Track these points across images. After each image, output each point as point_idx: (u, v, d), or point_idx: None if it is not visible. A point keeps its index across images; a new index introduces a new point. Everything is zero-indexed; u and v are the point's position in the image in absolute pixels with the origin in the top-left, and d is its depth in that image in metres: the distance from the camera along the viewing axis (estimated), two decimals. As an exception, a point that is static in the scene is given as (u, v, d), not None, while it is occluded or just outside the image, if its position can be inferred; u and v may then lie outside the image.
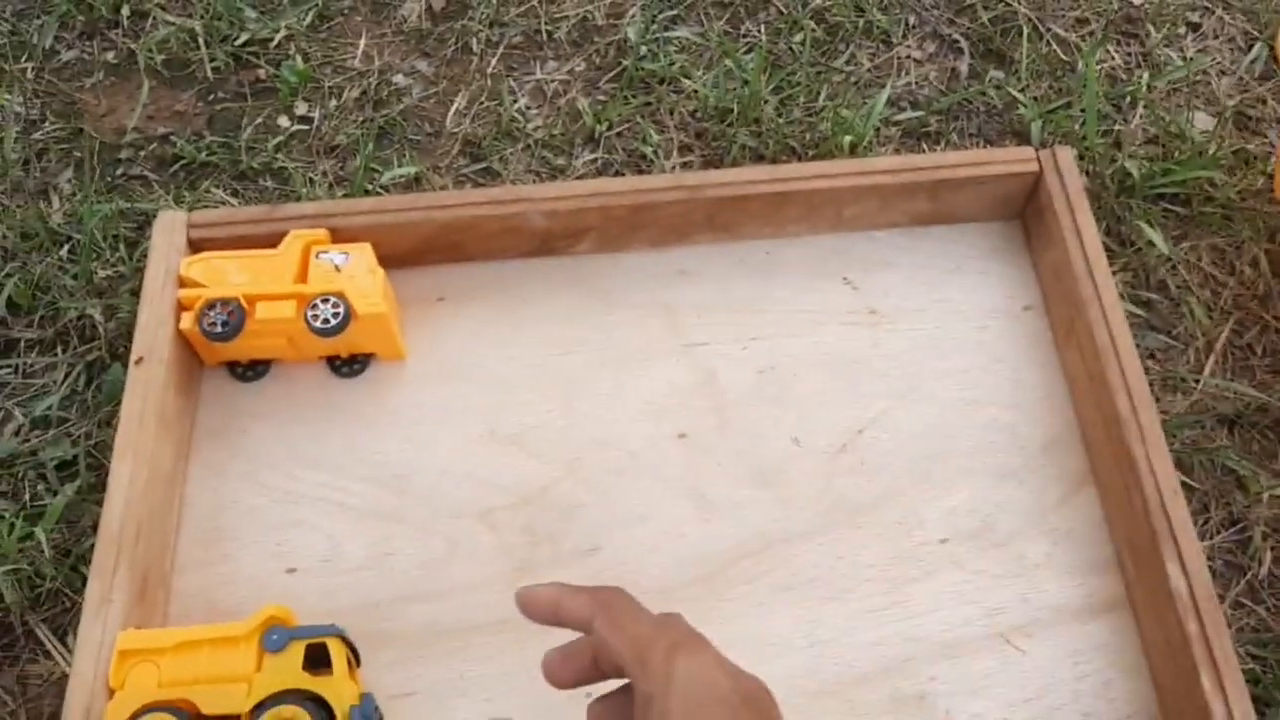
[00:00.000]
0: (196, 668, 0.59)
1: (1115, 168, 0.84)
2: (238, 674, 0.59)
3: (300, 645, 0.60)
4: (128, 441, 0.66)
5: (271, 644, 0.59)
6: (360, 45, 0.93)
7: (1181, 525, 0.63)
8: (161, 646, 0.60)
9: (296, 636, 0.60)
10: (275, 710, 0.57)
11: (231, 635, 0.60)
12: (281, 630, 0.60)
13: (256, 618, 0.60)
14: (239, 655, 0.59)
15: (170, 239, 0.73)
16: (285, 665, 0.59)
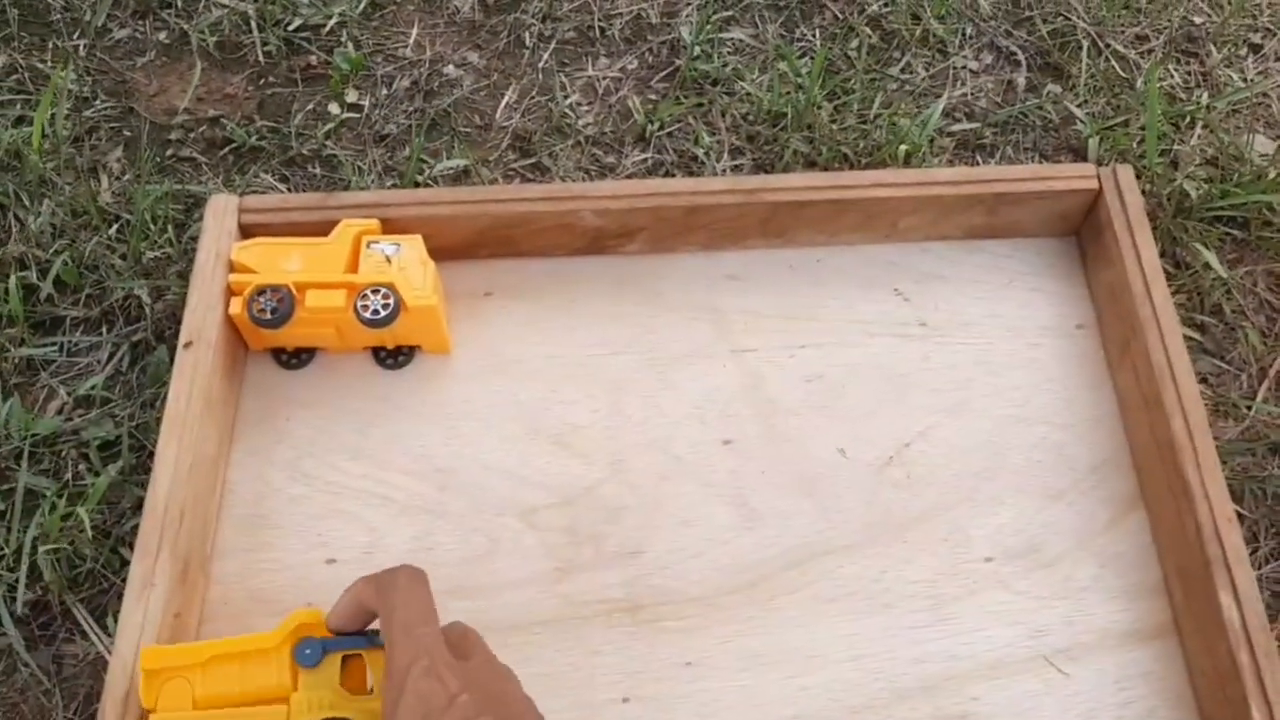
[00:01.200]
0: (229, 685, 0.56)
1: (1173, 188, 0.83)
2: (274, 691, 0.56)
3: (336, 658, 0.56)
4: (173, 424, 0.66)
5: (305, 659, 0.56)
6: (412, 34, 0.92)
7: (1235, 553, 0.62)
8: (190, 663, 0.57)
9: (330, 649, 0.56)
10: None
11: (262, 648, 0.56)
12: (314, 643, 0.56)
13: (286, 626, 0.56)
14: (272, 670, 0.56)
15: (221, 223, 0.72)
16: (322, 683, 0.56)
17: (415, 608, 0.52)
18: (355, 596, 0.54)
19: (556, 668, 0.64)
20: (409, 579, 0.53)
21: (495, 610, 0.66)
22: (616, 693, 0.64)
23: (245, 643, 0.56)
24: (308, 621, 0.56)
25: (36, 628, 0.68)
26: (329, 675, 0.56)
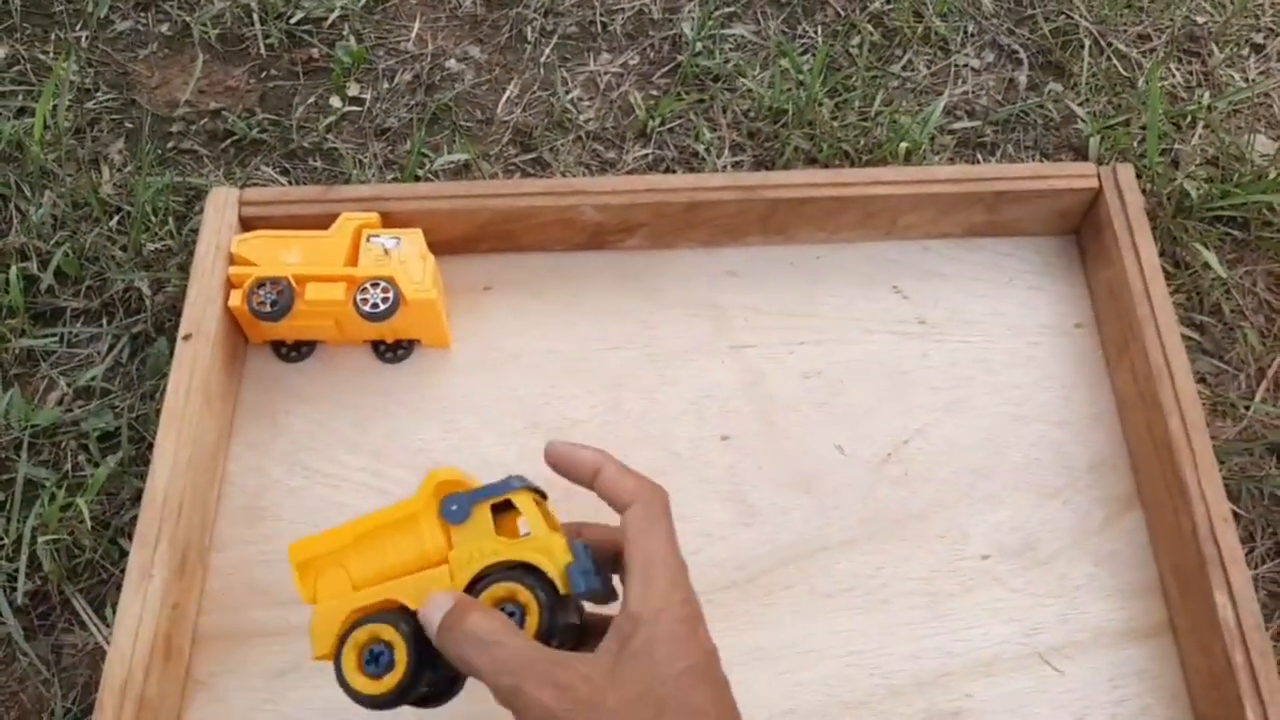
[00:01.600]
0: (385, 560, 0.53)
1: (1173, 187, 0.83)
2: (430, 556, 0.52)
3: (485, 508, 0.52)
4: (172, 416, 0.66)
5: (454, 516, 0.52)
6: (414, 28, 0.92)
7: (1231, 553, 0.62)
8: (340, 546, 0.54)
9: (477, 500, 0.52)
10: (489, 592, 0.50)
11: (408, 515, 0.53)
12: (459, 498, 0.52)
13: (425, 489, 0.53)
14: (424, 536, 0.52)
15: (222, 215, 0.72)
16: (477, 536, 0.52)
17: (677, 554, 0.50)
18: (608, 480, 0.51)
19: (553, 662, 0.64)
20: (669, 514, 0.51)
21: (492, 604, 0.66)
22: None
23: (388, 514, 0.53)
24: (446, 479, 0.53)
25: (36, 617, 0.68)
26: (482, 526, 0.52)
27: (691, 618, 0.47)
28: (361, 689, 0.50)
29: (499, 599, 0.50)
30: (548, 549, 0.50)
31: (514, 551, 0.51)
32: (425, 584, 0.51)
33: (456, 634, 0.47)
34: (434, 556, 0.52)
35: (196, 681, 0.64)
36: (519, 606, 0.49)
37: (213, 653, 0.65)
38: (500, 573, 0.50)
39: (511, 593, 0.50)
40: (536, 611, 0.49)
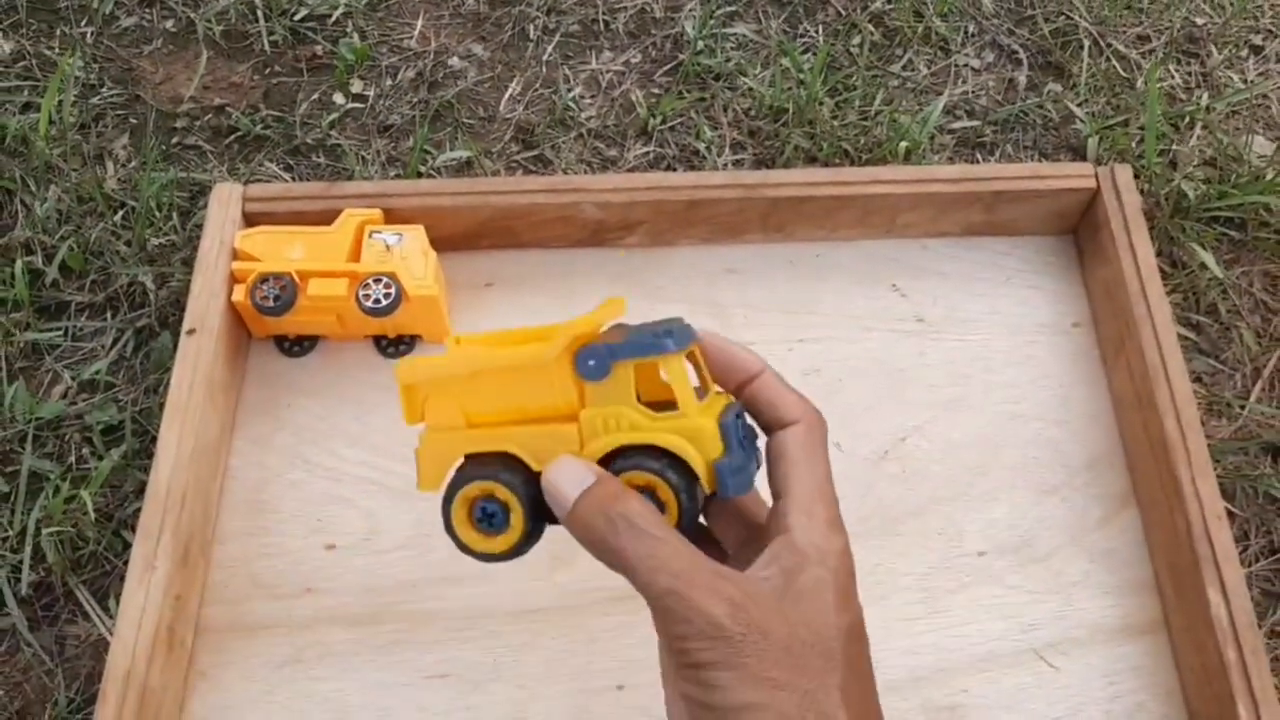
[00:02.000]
0: (505, 402, 0.46)
1: (1170, 188, 0.84)
2: (559, 409, 0.46)
3: (627, 368, 0.44)
4: (176, 410, 0.66)
5: (590, 371, 0.45)
6: (418, 26, 0.93)
7: (1224, 551, 0.63)
8: (454, 376, 0.47)
9: (620, 356, 0.44)
10: (627, 477, 0.45)
11: (538, 361, 0.45)
12: (598, 351, 0.44)
13: (567, 332, 0.45)
14: (553, 385, 0.45)
15: (226, 211, 0.73)
16: (616, 398, 0.45)
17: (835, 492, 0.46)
18: (770, 387, 0.47)
19: (552, 655, 0.65)
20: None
21: (491, 598, 0.66)
22: (611, 680, 0.64)
23: (515, 356, 0.46)
24: (584, 332, 0.45)
25: (40, 609, 0.68)
26: (622, 388, 0.45)
27: (852, 568, 0.44)
28: (472, 544, 0.47)
29: (635, 488, 0.44)
30: (697, 435, 0.44)
31: (657, 433, 0.44)
32: (549, 442, 0.45)
33: (607, 517, 0.42)
34: (562, 410, 0.46)
35: (198, 672, 0.65)
36: (656, 504, 0.44)
37: (215, 644, 0.65)
38: (638, 456, 0.44)
39: (650, 485, 0.44)
40: (674, 512, 0.44)
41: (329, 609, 0.66)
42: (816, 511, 0.44)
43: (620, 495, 0.43)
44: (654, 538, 0.41)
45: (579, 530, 0.43)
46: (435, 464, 0.48)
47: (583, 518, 0.43)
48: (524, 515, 0.46)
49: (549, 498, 0.44)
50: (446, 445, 0.47)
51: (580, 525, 0.43)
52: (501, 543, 0.47)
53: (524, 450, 0.46)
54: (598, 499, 0.43)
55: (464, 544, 0.48)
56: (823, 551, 0.43)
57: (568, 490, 0.44)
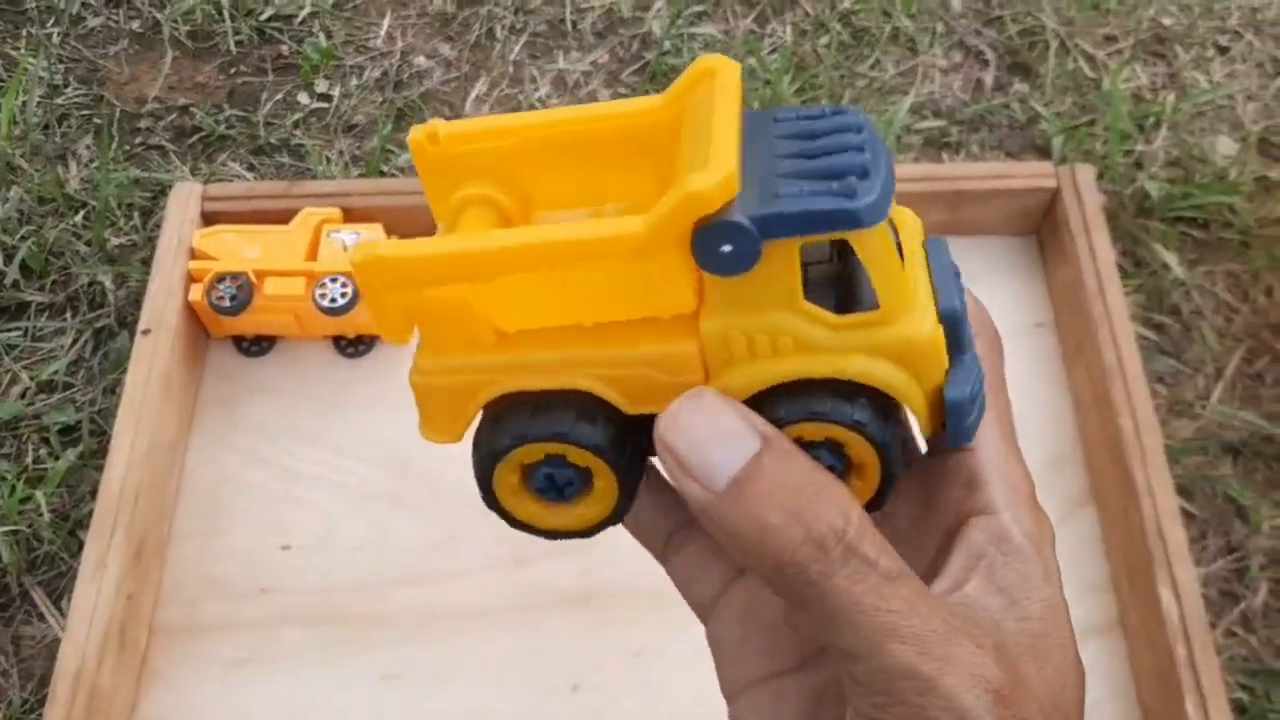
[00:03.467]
0: (561, 303, 0.28)
1: (1135, 188, 0.84)
2: (658, 309, 0.27)
3: (791, 250, 0.25)
4: (131, 408, 0.66)
5: (725, 262, 0.25)
6: (384, 25, 0.93)
7: (1177, 550, 0.63)
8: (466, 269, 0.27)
9: (779, 232, 0.25)
10: (794, 429, 0.27)
11: (622, 248, 0.26)
12: (735, 229, 0.25)
13: (676, 193, 0.25)
14: (653, 282, 0.27)
15: (184, 210, 0.73)
16: (766, 296, 0.26)
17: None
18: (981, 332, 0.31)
19: (509, 655, 0.65)
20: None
21: (450, 597, 0.66)
22: (567, 680, 0.64)
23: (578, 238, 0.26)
24: (708, 188, 0.24)
25: (-6, 609, 0.68)
26: (780, 284, 0.26)
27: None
28: (534, 520, 0.31)
29: (805, 445, 0.27)
30: (917, 352, 0.26)
31: (854, 358, 0.26)
32: (651, 370, 0.28)
33: (806, 530, 0.25)
34: (666, 312, 0.27)
35: (152, 673, 0.64)
36: (841, 460, 0.28)
37: (169, 644, 0.65)
38: (812, 395, 0.27)
39: (832, 439, 0.27)
40: (873, 483, 0.28)
41: (284, 609, 0.66)
42: (1018, 480, 0.29)
43: (824, 488, 0.26)
44: (883, 576, 0.26)
45: (741, 536, 0.26)
46: (448, 408, 0.30)
47: (753, 519, 0.26)
48: (616, 479, 0.29)
49: (673, 469, 0.26)
50: (466, 378, 0.29)
51: (746, 529, 0.26)
52: (581, 515, 0.30)
53: (609, 385, 0.28)
54: (783, 489, 0.26)
55: (519, 520, 0.31)
56: (1042, 552, 0.29)
57: (718, 460, 0.26)
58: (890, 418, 0.27)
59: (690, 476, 0.26)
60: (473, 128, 0.30)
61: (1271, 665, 0.67)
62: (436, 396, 0.30)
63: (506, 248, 0.26)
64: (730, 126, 0.26)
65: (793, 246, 0.25)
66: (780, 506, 0.25)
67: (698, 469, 0.26)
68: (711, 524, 0.26)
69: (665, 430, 0.26)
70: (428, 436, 0.31)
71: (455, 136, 0.30)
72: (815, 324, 0.26)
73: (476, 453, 0.30)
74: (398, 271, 0.27)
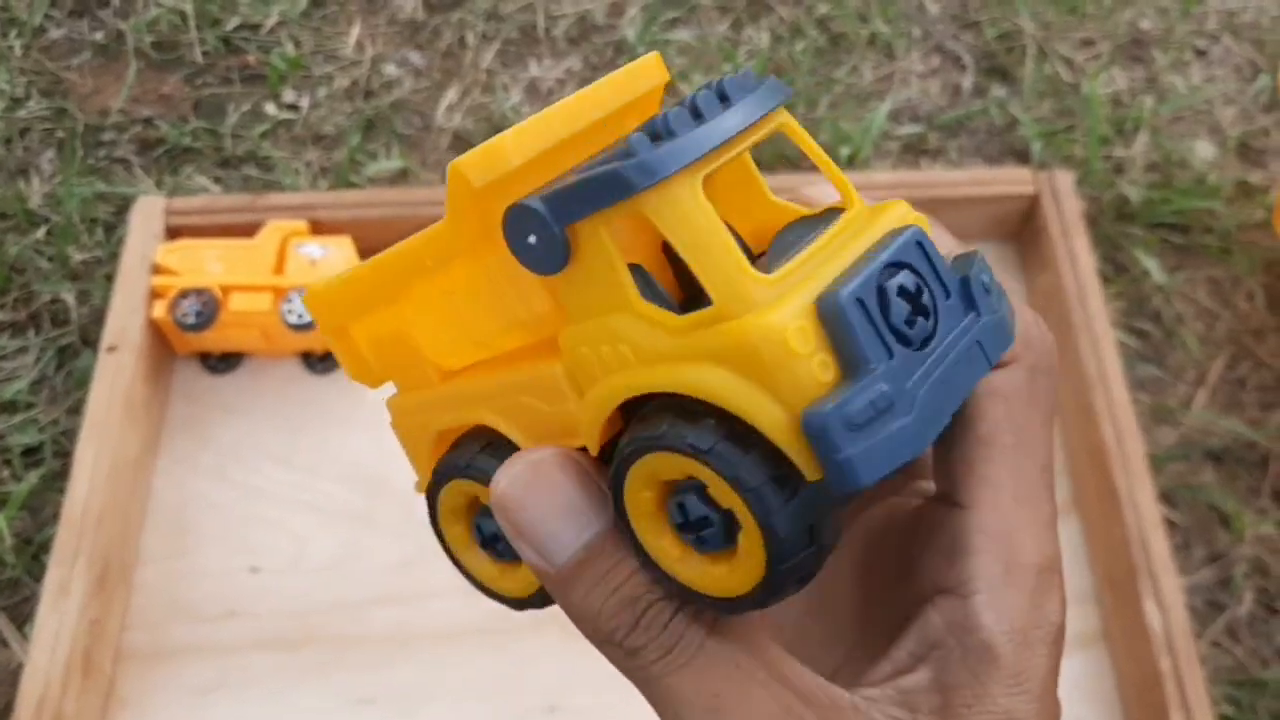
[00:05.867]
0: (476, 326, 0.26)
1: (1115, 193, 0.83)
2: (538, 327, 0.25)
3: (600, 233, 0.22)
4: (94, 429, 0.65)
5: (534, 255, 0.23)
6: (353, 34, 0.91)
7: (1161, 560, 0.62)
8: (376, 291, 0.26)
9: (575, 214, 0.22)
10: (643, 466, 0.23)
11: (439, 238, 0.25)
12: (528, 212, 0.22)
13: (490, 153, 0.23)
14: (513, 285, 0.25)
15: (148, 225, 0.71)
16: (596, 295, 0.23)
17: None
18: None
19: (484, 677, 0.63)
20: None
21: (422, 619, 0.65)
22: (543, 701, 0.63)
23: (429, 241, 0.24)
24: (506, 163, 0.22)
25: (-46, 636, 0.66)
26: (604, 276, 0.22)
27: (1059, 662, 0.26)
28: (487, 578, 0.28)
29: (664, 487, 0.23)
30: (753, 355, 0.21)
31: (679, 365, 0.22)
32: (527, 398, 0.25)
33: (633, 616, 0.24)
34: (547, 338, 0.25)
35: (119, 699, 0.63)
36: (712, 511, 0.22)
37: (136, 670, 0.64)
38: (665, 415, 0.22)
39: (694, 477, 0.22)
40: (755, 533, 0.21)
41: (254, 632, 0.65)
42: (1022, 554, 0.24)
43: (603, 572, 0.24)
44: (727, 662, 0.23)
45: (588, 631, 0.24)
46: (413, 449, 0.28)
47: (592, 614, 0.24)
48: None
49: (510, 535, 0.24)
50: (416, 416, 0.27)
51: (590, 625, 0.24)
52: (522, 579, 0.27)
53: (504, 418, 0.25)
54: (605, 580, 0.24)
55: (475, 578, 0.28)
56: (1024, 653, 0.24)
57: (550, 548, 0.24)
58: (751, 448, 0.21)
59: (532, 563, 0.24)
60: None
61: (1257, 676, 0.67)
62: (405, 437, 0.29)
63: (382, 260, 0.26)
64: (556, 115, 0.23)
65: (599, 233, 0.22)
66: (612, 593, 0.24)
67: (535, 542, 0.24)
68: (553, 593, 0.25)
69: (500, 501, 0.24)
70: (418, 488, 0.29)
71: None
72: (655, 328, 0.22)
73: (427, 500, 0.29)
74: (330, 301, 0.27)
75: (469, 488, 0.26)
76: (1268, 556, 0.70)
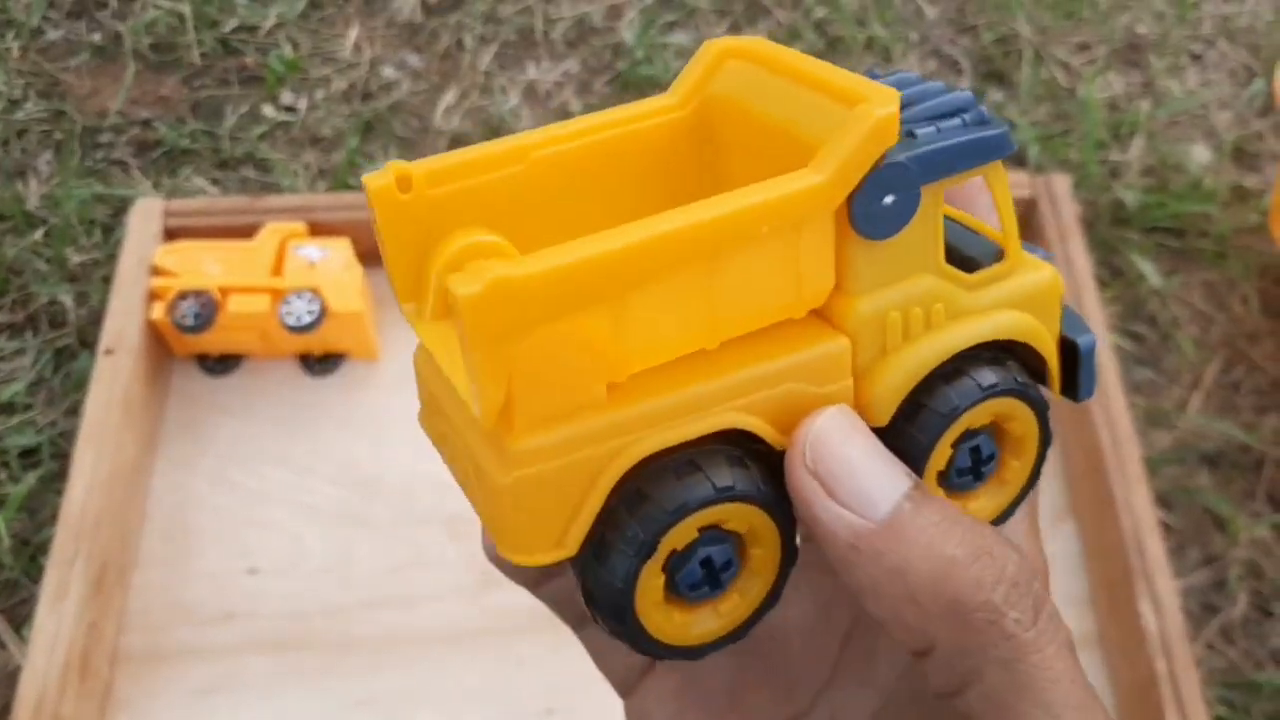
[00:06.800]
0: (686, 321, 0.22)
1: (1111, 197, 0.83)
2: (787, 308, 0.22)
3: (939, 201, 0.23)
4: (92, 431, 0.65)
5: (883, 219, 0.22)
6: (351, 36, 0.91)
7: (1156, 563, 0.62)
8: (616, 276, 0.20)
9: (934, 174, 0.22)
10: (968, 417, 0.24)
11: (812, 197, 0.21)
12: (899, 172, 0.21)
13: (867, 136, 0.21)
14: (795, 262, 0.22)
15: (146, 227, 0.71)
16: (913, 258, 0.23)
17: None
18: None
19: (479, 679, 0.63)
20: None
21: (418, 621, 0.65)
22: (540, 704, 0.63)
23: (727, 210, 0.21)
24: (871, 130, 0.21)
25: (-48, 638, 0.67)
26: (927, 239, 0.23)
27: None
28: (672, 636, 0.23)
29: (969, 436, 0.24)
30: (1048, 298, 0.24)
31: (998, 318, 0.24)
32: (800, 383, 0.22)
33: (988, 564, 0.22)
34: (798, 316, 0.23)
35: (118, 701, 0.63)
36: (992, 445, 0.24)
37: (134, 672, 0.64)
38: (965, 371, 0.23)
39: (998, 423, 0.24)
40: (1031, 452, 0.25)
41: (252, 635, 0.65)
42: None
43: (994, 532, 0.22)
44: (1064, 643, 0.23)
45: (909, 573, 0.22)
46: (559, 505, 0.22)
47: (931, 550, 0.22)
48: (780, 539, 0.23)
49: (814, 496, 0.22)
50: (585, 453, 0.21)
51: (919, 563, 0.22)
52: (735, 607, 0.23)
53: (759, 416, 0.22)
54: (958, 525, 0.22)
55: (657, 641, 0.23)
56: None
57: (876, 489, 0.22)
58: (1035, 378, 0.25)
59: (841, 503, 0.21)
60: (451, 162, 0.23)
61: (1252, 678, 0.67)
62: (544, 493, 0.21)
63: (664, 234, 0.20)
64: (841, 71, 0.22)
65: (939, 194, 0.22)
66: (961, 542, 0.21)
67: (852, 495, 0.22)
68: (861, 560, 0.22)
69: (813, 451, 0.22)
70: (522, 558, 0.22)
71: (433, 175, 0.23)
72: (957, 285, 0.23)
73: (603, 563, 0.22)
74: (538, 297, 0.19)
75: (717, 514, 0.22)
76: (1262, 559, 0.71)
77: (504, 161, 0.23)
